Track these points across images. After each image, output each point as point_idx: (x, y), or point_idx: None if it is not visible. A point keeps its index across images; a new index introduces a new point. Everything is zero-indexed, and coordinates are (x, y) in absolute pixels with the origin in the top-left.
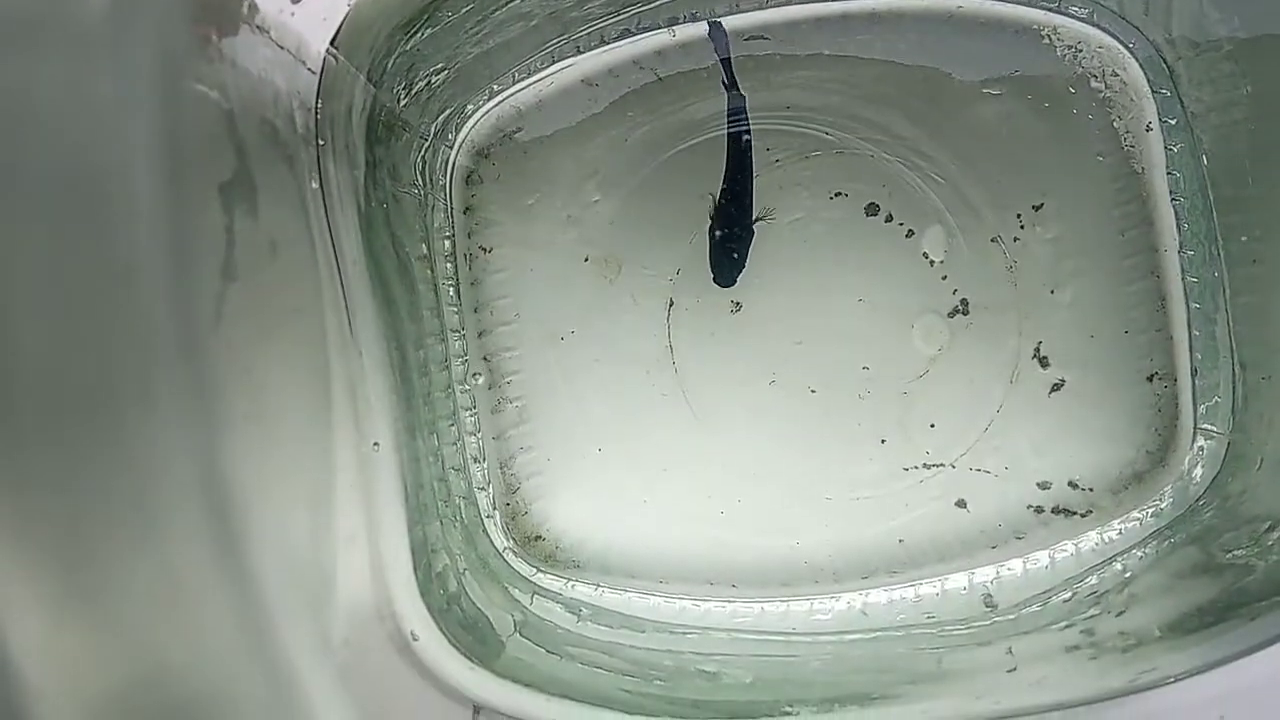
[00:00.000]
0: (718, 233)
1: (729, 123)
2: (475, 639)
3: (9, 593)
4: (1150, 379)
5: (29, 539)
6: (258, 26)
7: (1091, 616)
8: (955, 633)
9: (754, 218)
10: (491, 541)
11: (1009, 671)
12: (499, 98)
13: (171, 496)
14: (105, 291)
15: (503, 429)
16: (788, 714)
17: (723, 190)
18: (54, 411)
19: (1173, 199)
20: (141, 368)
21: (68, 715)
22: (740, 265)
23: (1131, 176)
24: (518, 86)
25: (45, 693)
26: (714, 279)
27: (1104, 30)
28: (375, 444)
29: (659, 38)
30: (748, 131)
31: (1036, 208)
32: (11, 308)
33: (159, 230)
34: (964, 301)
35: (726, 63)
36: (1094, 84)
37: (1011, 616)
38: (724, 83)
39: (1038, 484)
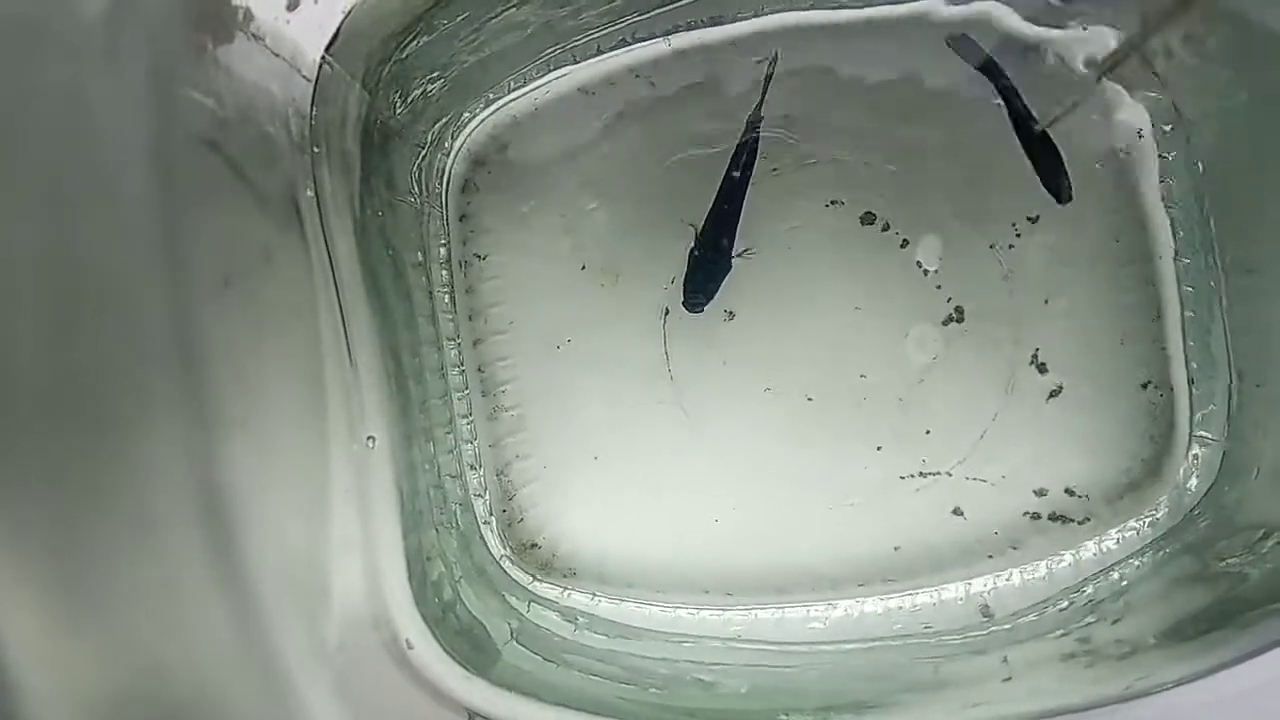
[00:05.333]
0: (696, 256)
1: (734, 154)
2: (471, 647)
3: (4, 596)
4: (1146, 387)
5: (25, 542)
6: (253, 34)
7: (1087, 624)
8: (951, 641)
9: (735, 253)
10: (487, 549)
11: (1005, 680)
12: (495, 106)
13: (167, 501)
14: (101, 297)
15: (499, 436)
16: None
17: (708, 217)
18: (50, 416)
19: (1168, 207)
20: (137, 373)
21: (63, 719)
22: (710, 295)
23: (1127, 184)
24: (514, 95)
25: (40, 696)
26: (683, 301)
27: (1100, 38)
28: (371, 443)
29: (655, 47)
30: (750, 165)
31: (1032, 217)
32: (7, 312)
33: (155, 236)
34: (960, 310)
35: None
36: (1090, 91)
37: (1008, 625)
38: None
39: (1034, 492)
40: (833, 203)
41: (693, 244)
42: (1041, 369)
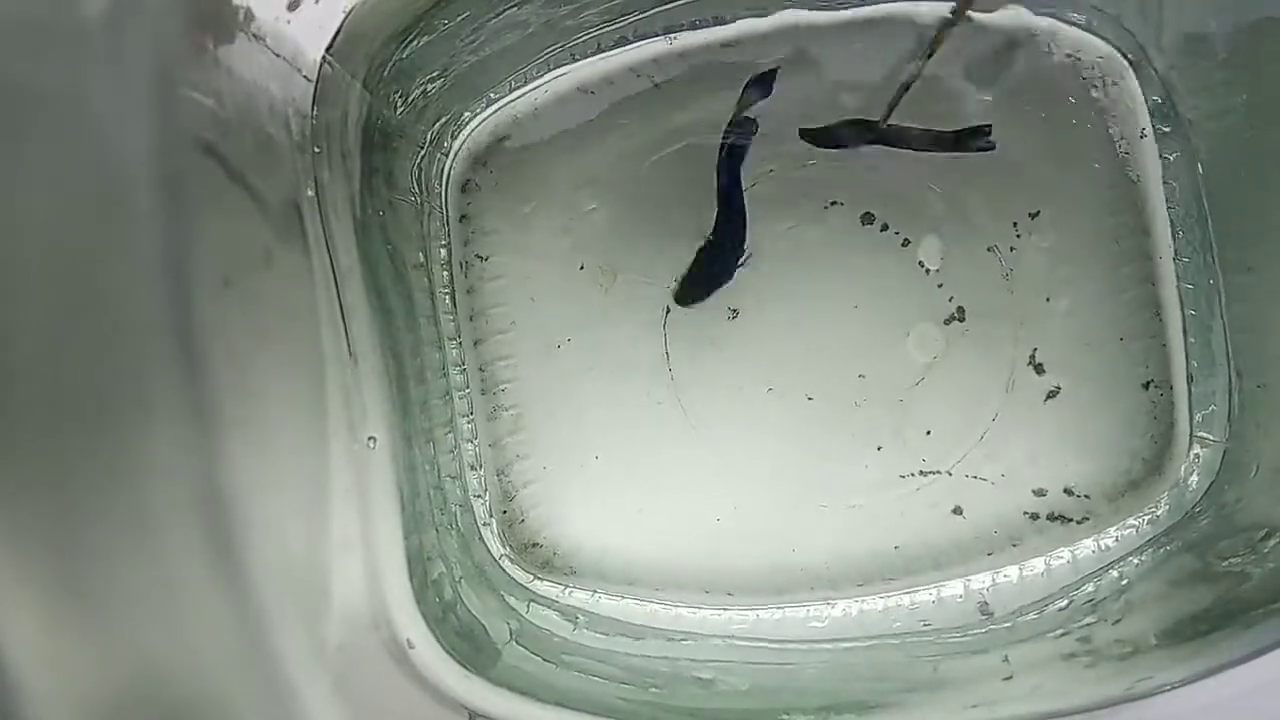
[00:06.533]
0: (705, 255)
1: (725, 155)
2: (471, 647)
3: (4, 596)
4: (1146, 386)
5: (25, 542)
6: (254, 34)
7: (1088, 624)
8: (951, 640)
9: (738, 264)
10: (487, 549)
11: (1005, 679)
12: (495, 105)
13: (167, 501)
14: (101, 297)
15: (499, 436)
16: None
17: (716, 223)
18: (49, 416)
19: (1168, 207)
20: (137, 374)
21: (63, 719)
22: (702, 299)
23: (1127, 184)
24: (514, 94)
25: (40, 696)
26: (675, 294)
27: (1101, 38)
28: (371, 444)
29: (656, 45)
30: (736, 164)
31: (1033, 215)
32: (7, 311)
33: (155, 236)
34: (960, 309)
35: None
36: (1091, 92)
37: (1008, 624)
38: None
39: (1034, 491)
40: (832, 203)
41: (704, 243)
42: (1041, 369)
